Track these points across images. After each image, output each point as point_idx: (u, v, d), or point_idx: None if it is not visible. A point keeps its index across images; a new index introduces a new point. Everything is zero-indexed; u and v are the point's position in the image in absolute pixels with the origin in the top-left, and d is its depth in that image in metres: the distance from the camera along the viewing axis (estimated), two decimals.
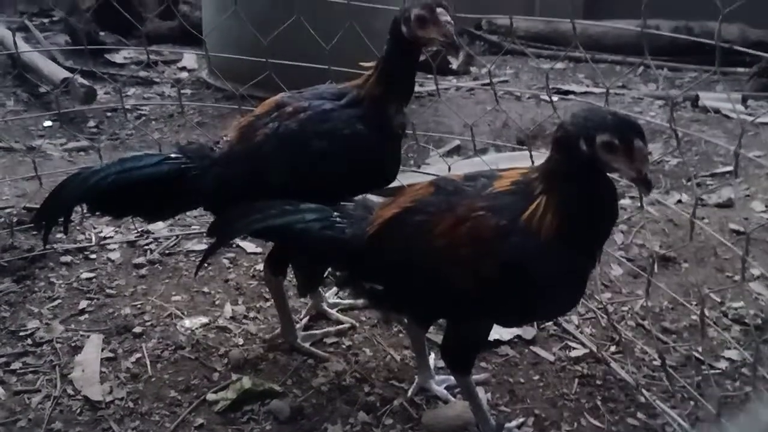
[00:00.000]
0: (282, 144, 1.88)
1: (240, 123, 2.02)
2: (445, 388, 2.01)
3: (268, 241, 2.07)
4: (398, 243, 1.70)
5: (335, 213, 1.81)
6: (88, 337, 2.19)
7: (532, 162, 2.51)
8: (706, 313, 2.33)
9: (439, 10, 1.75)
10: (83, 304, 2.35)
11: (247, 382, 1.96)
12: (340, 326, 2.28)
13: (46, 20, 6.53)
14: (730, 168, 3.85)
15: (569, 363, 2.17)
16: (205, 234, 2.76)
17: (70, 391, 1.96)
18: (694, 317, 2.37)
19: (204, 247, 2.71)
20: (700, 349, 2.21)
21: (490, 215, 1.56)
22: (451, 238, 1.60)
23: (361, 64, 1.94)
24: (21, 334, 2.18)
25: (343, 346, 2.21)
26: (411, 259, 1.67)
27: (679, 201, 3.45)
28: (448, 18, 1.75)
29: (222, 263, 2.61)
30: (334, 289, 2.46)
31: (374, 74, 1.88)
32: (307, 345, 2.17)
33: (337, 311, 2.36)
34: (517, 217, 1.53)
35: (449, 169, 2.74)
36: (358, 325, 2.30)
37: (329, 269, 2.07)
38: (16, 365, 2.05)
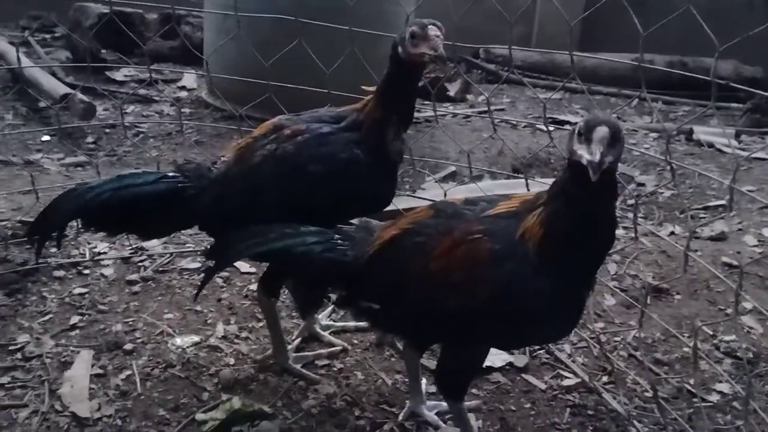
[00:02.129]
0: (279, 166, 1.88)
1: (238, 144, 2.03)
2: (436, 413, 1.99)
3: (269, 264, 2.06)
4: (396, 264, 1.71)
5: (336, 235, 1.81)
6: (78, 352, 2.17)
7: (528, 189, 2.54)
8: (699, 345, 2.34)
9: (430, 26, 1.78)
10: (75, 319, 2.33)
11: (236, 402, 1.94)
12: (332, 349, 2.27)
13: (48, 36, 6.58)
14: (723, 201, 3.89)
15: (561, 392, 2.16)
16: (199, 253, 2.76)
17: (58, 407, 1.94)
18: (686, 349, 2.38)
19: (198, 265, 2.71)
20: (692, 381, 2.21)
21: (486, 239, 1.57)
22: (447, 262, 1.61)
23: (363, 87, 1.96)
24: (11, 348, 2.16)
25: (335, 369, 2.20)
26: (408, 281, 1.68)
27: (672, 233, 3.47)
28: (438, 32, 1.78)
29: (216, 282, 2.60)
30: (327, 311, 2.46)
31: (374, 98, 1.90)
32: (298, 367, 2.15)
33: (329, 334, 2.35)
34: (513, 242, 1.54)
35: (445, 194, 2.76)
36: (350, 348, 2.29)
37: (329, 291, 2.06)
38: (4, 379, 2.03)
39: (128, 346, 2.21)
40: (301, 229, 1.80)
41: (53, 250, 2.57)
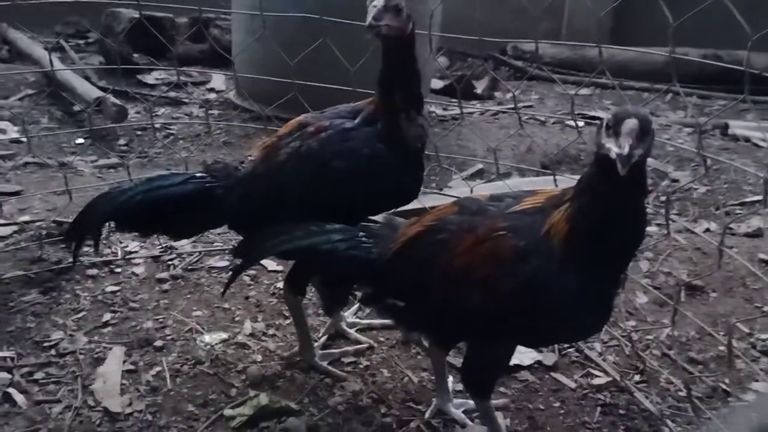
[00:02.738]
0: (303, 163, 1.89)
1: (263, 143, 2.05)
2: (463, 411, 1.98)
3: (295, 262, 2.07)
4: (419, 261, 1.70)
5: (361, 233, 1.81)
6: (111, 349, 2.21)
7: (556, 186, 2.50)
8: (735, 344, 2.28)
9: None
10: (107, 316, 2.38)
11: (264, 398, 1.96)
12: (359, 346, 2.27)
13: (81, 41, 6.74)
14: (759, 197, 3.78)
15: (591, 391, 2.13)
16: (228, 252, 2.80)
17: (90, 402, 1.98)
18: (721, 348, 2.31)
19: (226, 263, 2.74)
20: (727, 380, 2.15)
21: (510, 236, 1.55)
22: (471, 259, 1.60)
23: None
24: (45, 344, 2.21)
25: (361, 366, 2.20)
26: (431, 278, 1.67)
27: (708, 229, 3.39)
28: (375, 3, 1.78)
29: (243, 280, 2.62)
30: (354, 308, 2.46)
31: (376, 88, 1.91)
32: (324, 364, 2.16)
33: (355, 331, 2.35)
34: (538, 238, 1.52)
35: (471, 191, 2.74)
36: (376, 345, 2.29)
37: (354, 288, 2.06)
38: (38, 375, 2.08)
39: (158, 343, 2.24)
40: (327, 227, 1.80)
41: (90, 250, 2.62)
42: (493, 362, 1.76)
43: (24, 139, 4.03)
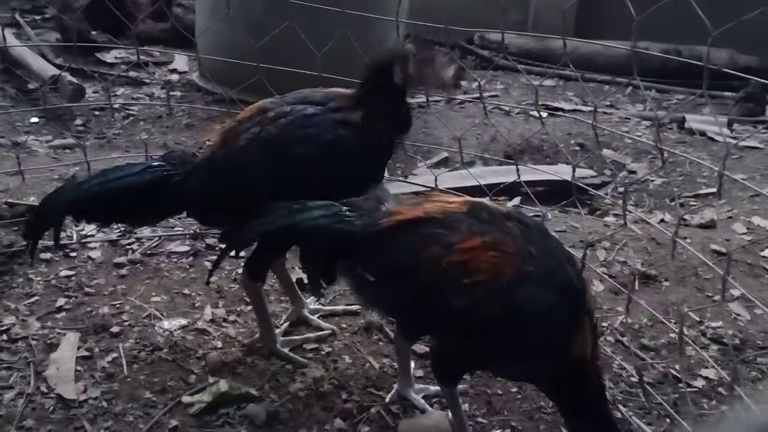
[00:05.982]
0: (263, 149, 1.88)
1: (222, 128, 2.03)
2: (423, 397, 2.00)
3: (254, 248, 2.04)
4: (412, 246, 1.67)
5: (344, 207, 1.78)
6: (65, 335, 2.16)
7: (518, 176, 2.53)
8: (685, 331, 2.35)
9: (438, 59, 1.87)
10: (61, 301, 2.32)
11: (223, 385, 1.94)
12: (321, 333, 2.27)
13: (38, 17, 6.49)
14: (713, 189, 3.90)
15: None
16: (188, 237, 2.75)
17: (43, 388, 1.93)
18: (672, 335, 2.39)
19: (186, 248, 2.69)
20: (677, 366, 2.23)
21: (520, 257, 1.57)
22: (470, 260, 1.59)
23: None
24: None
25: (323, 353, 2.20)
26: (420, 266, 1.65)
27: (662, 220, 3.48)
28: (444, 66, 1.84)
29: (204, 266, 2.59)
30: None
31: (369, 106, 1.90)
32: (286, 350, 2.15)
33: (317, 317, 2.35)
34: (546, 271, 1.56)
35: (435, 179, 2.75)
36: (338, 332, 2.29)
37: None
38: None
39: (115, 329, 2.20)
40: (309, 204, 1.78)
41: (51, 243, 2.54)
42: (466, 355, 1.74)
43: None
